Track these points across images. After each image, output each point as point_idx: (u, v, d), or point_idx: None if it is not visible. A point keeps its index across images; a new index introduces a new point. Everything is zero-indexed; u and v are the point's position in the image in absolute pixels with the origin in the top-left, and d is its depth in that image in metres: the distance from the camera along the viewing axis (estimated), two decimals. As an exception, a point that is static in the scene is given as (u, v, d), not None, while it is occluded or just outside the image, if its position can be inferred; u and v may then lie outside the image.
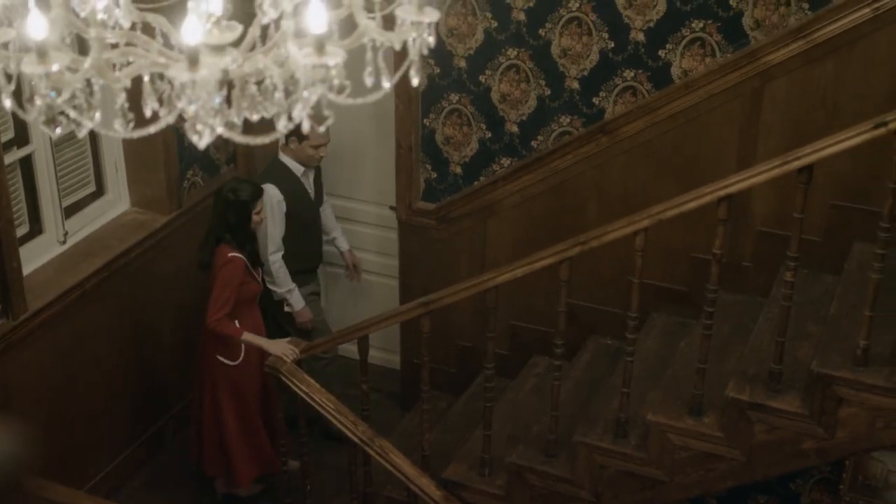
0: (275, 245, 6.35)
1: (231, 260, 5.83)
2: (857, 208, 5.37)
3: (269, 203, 6.23)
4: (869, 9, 5.18)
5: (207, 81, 2.24)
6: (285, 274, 6.42)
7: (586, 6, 5.79)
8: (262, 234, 6.25)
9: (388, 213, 6.91)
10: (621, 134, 5.89)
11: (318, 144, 6.35)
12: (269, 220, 6.25)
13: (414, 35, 2.55)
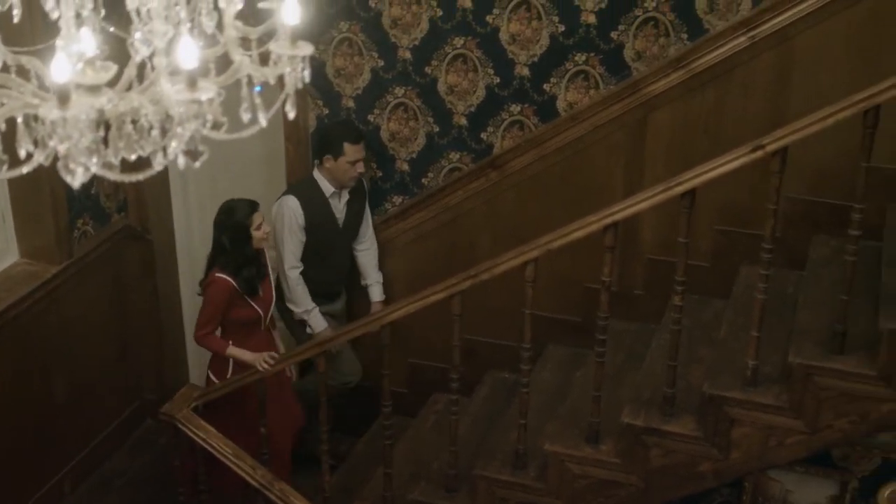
0: (291, 260, 6.09)
1: (215, 280, 5.65)
2: (743, 232, 5.47)
3: (286, 216, 6.02)
4: (745, 37, 5.31)
5: (78, 119, 2.22)
6: (304, 292, 6.13)
7: (471, 43, 5.85)
8: (279, 249, 6.07)
9: (279, 256, 6.86)
10: (510, 168, 5.95)
11: (355, 160, 5.99)
12: (286, 234, 6.04)
13: (289, 69, 2.54)
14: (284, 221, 6.02)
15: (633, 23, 5.53)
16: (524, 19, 5.71)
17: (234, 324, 5.76)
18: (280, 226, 6.04)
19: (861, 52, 5.16)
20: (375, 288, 6.42)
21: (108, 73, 2.32)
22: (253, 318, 5.79)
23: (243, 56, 2.56)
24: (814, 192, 5.44)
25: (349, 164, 5.97)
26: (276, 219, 6.07)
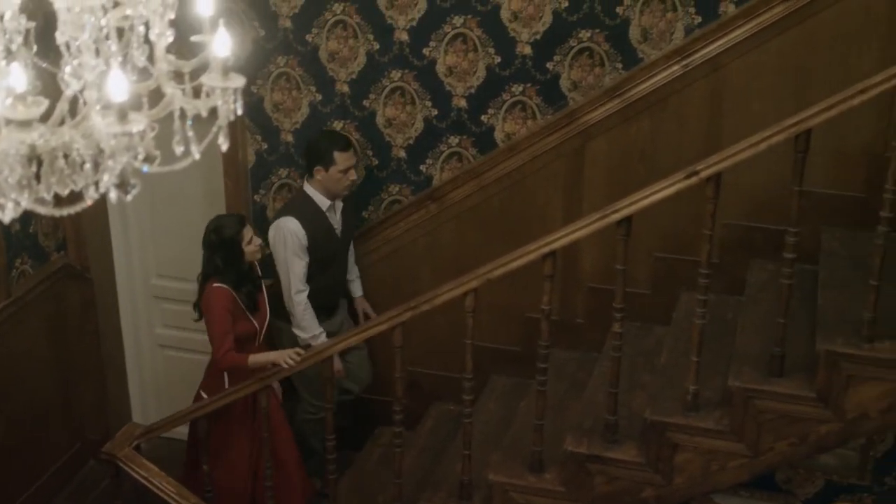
0: (297, 284, 5.84)
1: (213, 290, 5.47)
2: (682, 259, 5.51)
3: (289, 240, 5.78)
4: (678, 66, 5.38)
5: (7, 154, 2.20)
6: (312, 318, 5.88)
7: (408, 76, 5.88)
8: (283, 274, 5.85)
9: (224, 292, 6.81)
10: (450, 200, 5.97)
11: (346, 168, 5.81)
12: (291, 258, 5.81)
13: (221, 102, 2.55)
14: (287, 245, 5.80)
15: (569, 53, 5.58)
16: (460, 51, 5.74)
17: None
18: (282, 250, 5.82)
19: (791, 79, 5.24)
20: (356, 284, 6.32)
21: (39, 109, 2.31)
22: (250, 333, 5.61)
23: (175, 89, 2.56)
24: (750, 217, 5.50)
25: (341, 172, 5.81)
26: (275, 242, 5.85)
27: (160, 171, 2.56)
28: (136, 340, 7.30)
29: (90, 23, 2.38)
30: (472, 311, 4.65)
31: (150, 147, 2.50)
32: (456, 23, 5.72)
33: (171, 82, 2.57)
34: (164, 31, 2.51)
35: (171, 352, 7.28)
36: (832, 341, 4.27)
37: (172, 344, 7.19)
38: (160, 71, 2.54)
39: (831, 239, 5.23)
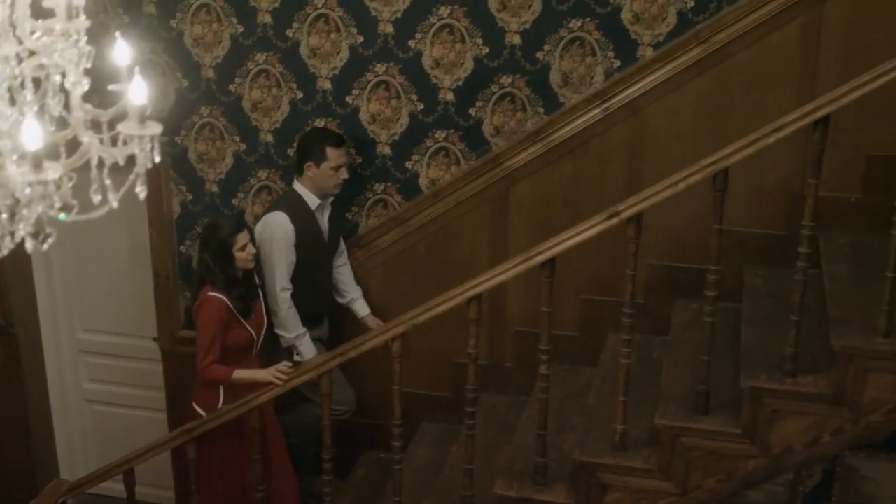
0: (282, 282, 5.66)
1: (207, 299, 5.34)
2: (608, 300, 5.54)
3: (276, 233, 5.62)
4: (599, 109, 5.45)
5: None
6: (294, 317, 5.69)
7: (332, 123, 5.89)
8: (269, 270, 5.66)
9: (151, 345, 6.76)
10: (376, 246, 5.98)
11: (338, 165, 5.66)
12: (276, 253, 5.63)
13: (138, 149, 2.54)
14: (274, 239, 5.64)
15: (491, 98, 5.63)
16: (383, 99, 5.78)
17: (226, 350, 5.39)
18: (269, 245, 5.65)
19: (709, 120, 5.32)
20: (361, 302, 6.09)
21: (-48, 159, 2.29)
22: (247, 341, 5.46)
23: (92, 138, 2.55)
24: (674, 257, 5.56)
25: (333, 169, 5.66)
26: (262, 237, 5.67)
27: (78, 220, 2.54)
28: (62, 396, 7.21)
29: (4, 72, 2.37)
30: (399, 357, 4.64)
31: (68, 196, 2.49)
32: (379, 70, 5.75)
33: (89, 131, 2.56)
34: (79, 80, 2.51)
35: (99, 406, 7.20)
36: (756, 377, 4.31)
37: (101, 399, 7.11)
38: (76, 120, 2.53)
39: (754, 276, 5.29)
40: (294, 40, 5.84)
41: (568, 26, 5.44)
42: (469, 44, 5.59)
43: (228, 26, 5.91)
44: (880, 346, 4.11)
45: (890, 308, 4.11)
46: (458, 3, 5.55)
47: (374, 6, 5.67)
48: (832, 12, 5.09)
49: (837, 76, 4.72)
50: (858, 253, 4.97)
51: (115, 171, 2.52)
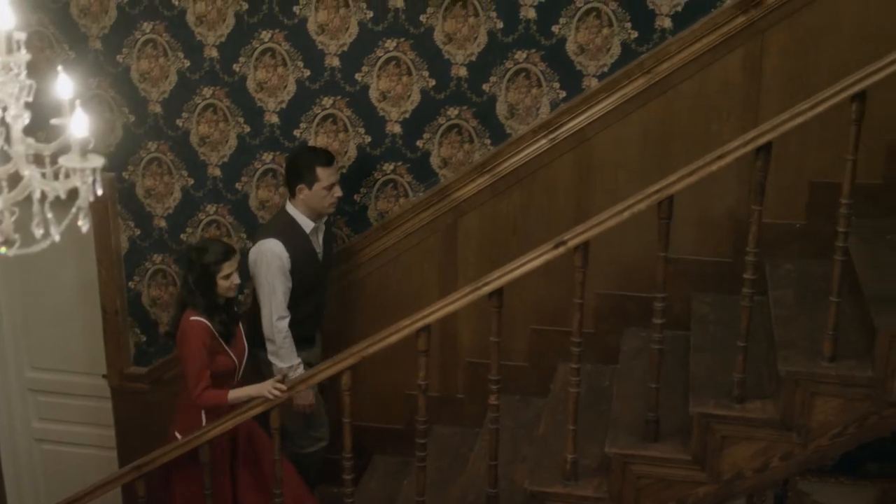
0: (279, 310, 5.48)
1: (191, 325, 5.13)
2: (557, 330, 5.55)
3: (272, 261, 5.42)
4: (546, 139, 5.48)
5: None
6: (291, 347, 5.51)
7: (280, 158, 5.90)
8: (264, 299, 5.48)
9: (100, 382, 6.69)
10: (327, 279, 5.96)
11: (330, 184, 5.48)
12: (273, 282, 5.44)
13: (80, 183, 2.53)
14: (271, 268, 5.45)
15: (438, 130, 5.65)
16: (331, 132, 5.79)
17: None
18: (264, 273, 5.46)
19: (655, 149, 5.37)
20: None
21: None
22: (229, 368, 5.26)
23: (33, 171, 2.54)
24: (622, 286, 5.58)
25: (325, 189, 5.47)
26: (257, 266, 5.49)
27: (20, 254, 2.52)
28: (11, 435, 7.13)
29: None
30: (349, 389, 4.63)
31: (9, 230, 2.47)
32: (326, 104, 5.77)
33: (31, 165, 2.55)
34: (20, 114, 2.50)
35: (48, 445, 7.13)
36: (704, 403, 4.34)
37: (50, 437, 7.04)
38: (18, 153, 2.52)
39: (701, 304, 5.34)
40: (241, 74, 5.84)
41: (513, 58, 5.48)
42: (415, 76, 5.62)
43: (175, 61, 5.90)
44: (826, 370, 4.16)
45: (835, 332, 4.16)
46: (404, 37, 5.58)
47: (320, 40, 5.68)
48: (773, 41, 5.16)
49: (780, 104, 4.76)
50: (804, 278, 5.03)
51: (57, 204, 2.51)
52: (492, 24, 5.47)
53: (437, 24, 5.53)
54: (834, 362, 4.17)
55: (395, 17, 5.57)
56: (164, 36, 5.89)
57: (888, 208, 5.18)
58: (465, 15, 5.49)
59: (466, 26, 5.50)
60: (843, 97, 3.95)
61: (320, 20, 5.66)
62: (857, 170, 4.10)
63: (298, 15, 5.69)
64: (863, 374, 4.13)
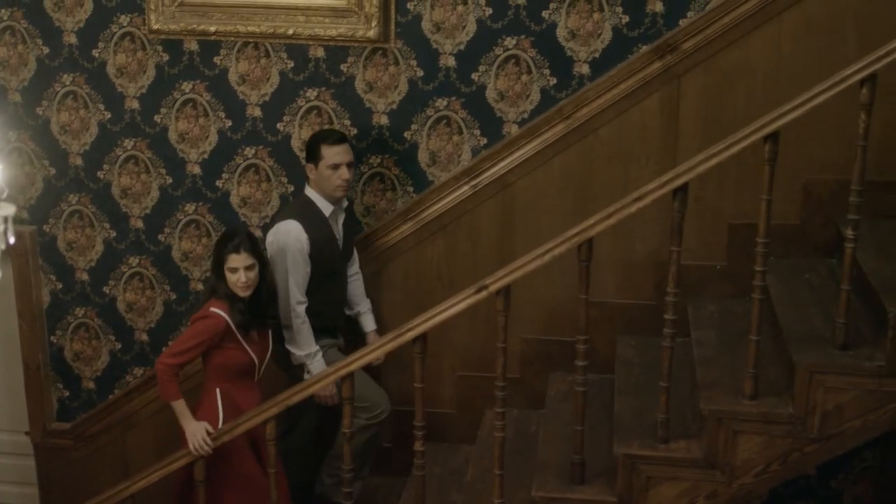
0: (297, 295, 5.28)
1: (209, 315, 4.92)
2: (483, 376, 5.54)
3: (290, 243, 5.24)
4: (468, 186, 5.52)
5: None
6: (308, 333, 5.32)
7: (203, 208, 5.88)
8: (282, 282, 5.26)
9: (23, 440, 6.58)
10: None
11: (335, 163, 5.28)
12: (291, 266, 5.26)
13: (-10, 231, 2.51)
14: (289, 251, 5.26)
15: (361, 178, 5.67)
16: (254, 182, 5.79)
17: (220, 369, 4.99)
18: (282, 255, 5.27)
19: (575, 194, 5.43)
20: (368, 317, 5.74)
21: None
22: (244, 364, 5.02)
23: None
24: (547, 331, 5.61)
25: (330, 168, 5.28)
26: (275, 248, 5.29)
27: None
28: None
29: None
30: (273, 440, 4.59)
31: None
32: (248, 153, 5.77)
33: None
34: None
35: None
36: (629, 444, 4.35)
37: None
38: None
39: (626, 347, 5.37)
40: (162, 125, 5.82)
41: (434, 105, 5.52)
42: (338, 125, 5.63)
43: (96, 113, 5.87)
44: (747, 408, 4.20)
45: (755, 371, 4.21)
46: (326, 86, 5.60)
47: (241, 90, 5.69)
48: (689, 85, 5.24)
49: (698, 147, 4.81)
50: (726, 319, 5.09)
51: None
52: (412, 72, 5.51)
53: (357, 73, 5.56)
54: (755, 400, 4.22)
55: (316, 66, 5.59)
56: (84, 88, 5.86)
57: (806, 248, 5.27)
58: (385, 63, 5.52)
59: (387, 75, 5.54)
60: (757, 138, 4.01)
61: (241, 70, 5.68)
62: (774, 210, 4.16)
63: (219, 65, 5.69)
64: (783, 411, 4.18)
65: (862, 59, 3.99)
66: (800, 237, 5.28)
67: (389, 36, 5.50)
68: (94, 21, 5.79)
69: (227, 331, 4.93)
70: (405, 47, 5.50)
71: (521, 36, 5.39)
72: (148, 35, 5.73)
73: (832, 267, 5.02)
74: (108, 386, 6.30)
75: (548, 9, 5.33)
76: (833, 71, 4.04)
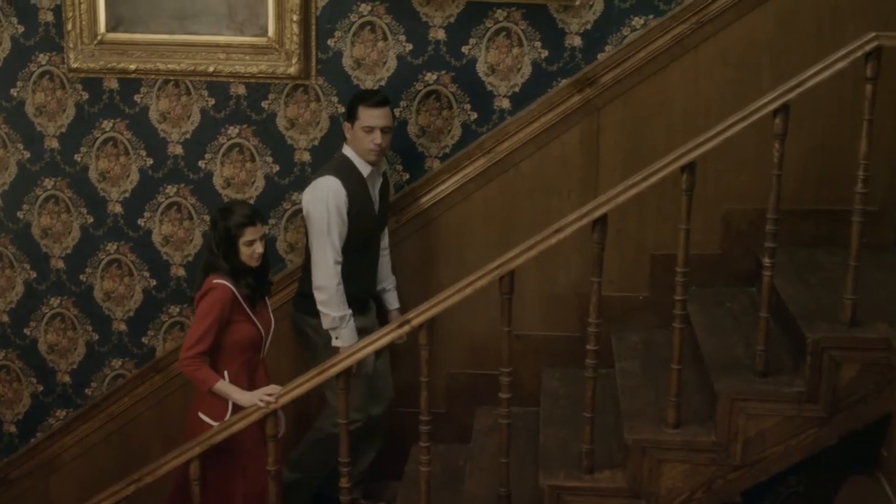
0: (333, 253, 5.04)
1: (214, 287, 4.77)
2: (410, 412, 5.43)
3: (329, 198, 5.03)
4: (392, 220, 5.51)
5: None
6: (342, 294, 5.07)
7: (124, 247, 5.84)
8: (318, 238, 5.04)
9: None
10: (174, 370, 5.84)
11: (369, 126, 5.09)
12: (329, 221, 5.03)
13: None
14: (329, 206, 5.04)
15: (283, 216, 5.69)
16: (175, 220, 5.77)
17: (231, 348, 4.82)
18: (320, 210, 5.04)
19: (498, 227, 5.47)
20: (392, 294, 5.54)
21: None
22: (254, 338, 4.89)
23: None
24: (473, 365, 5.61)
25: (364, 131, 5.10)
26: (313, 204, 5.07)
27: None
28: None
29: None
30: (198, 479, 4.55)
31: None
32: (170, 192, 5.74)
33: None
34: None
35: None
36: (555, 475, 4.37)
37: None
38: None
39: (552, 379, 5.40)
40: (83, 164, 5.77)
41: (357, 141, 5.53)
42: (259, 162, 5.62)
43: (14, 153, 5.82)
44: (671, 437, 4.23)
45: (678, 399, 4.24)
46: (247, 123, 5.59)
47: (162, 128, 5.66)
48: (608, 118, 5.30)
49: (618, 178, 4.84)
50: (650, 349, 5.14)
51: None
52: (333, 108, 5.53)
53: (279, 109, 5.56)
54: (678, 429, 4.25)
55: (238, 103, 5.58)
56: (2, 128, 5.80)
57: (728, 277, 5.33)
58: (306, 100, 5.54)
59: (308, 111, 5.55)
60: (674, 168, 4.06)
61: (162, 108, 5.65)
62: (696, 240, 4.23)
63: (140, 103, 5.66)
64: (706, 439, 4.22)
65: (775, 89, 4.07)
66: (721, 266, 5.34)
67: (310, 72, 5.51)
68: (12, 60, 5.74)
69: (234, 303, 4.80)
70: (326, 84, 5.51)
71: (441, 71, 5.43)
72: (67, 74, 5.69)
73: (753, 295, 5.07)
74: (30, 429, 6.20)
75: (468, 44, 5.38)
76: (749, 102, 4.11)
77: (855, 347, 4.12)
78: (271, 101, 5.56)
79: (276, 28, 5.46)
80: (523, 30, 5.35)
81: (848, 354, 4.12)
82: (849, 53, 4.04)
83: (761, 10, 5.15)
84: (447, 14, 5.38)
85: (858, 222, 4.13)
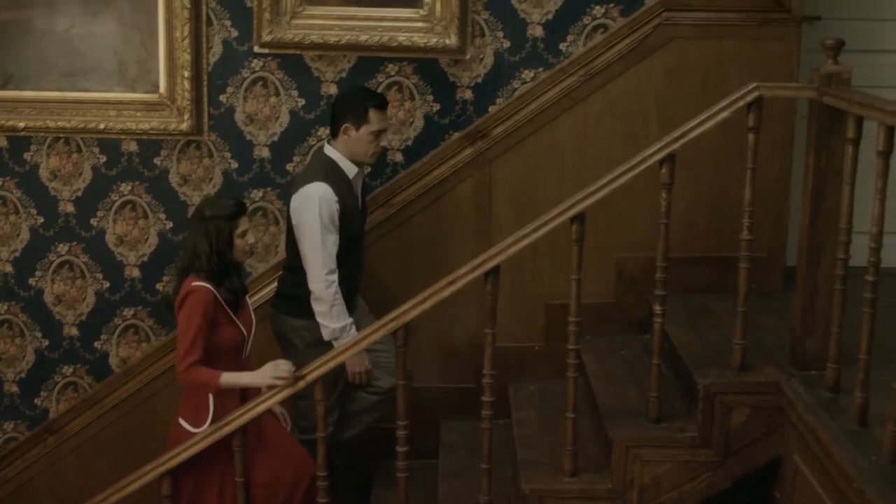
0: (329, 263, 4.83)
1: (194, 290, 4.44)
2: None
3: (322, 207, 4.78)
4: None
5: None
6: (342, 304, 4.87)
7: (15, 308, 5.76)
8: (311, 250, 4.81)
9: None
10: (69, 431, 5.78)
11: (379, 130, 4.90)
12: (322, 231, 4.79)
13: None
14: (322, 215, 4.80)
15: (178, 272, 5.62)
16: (68, 279, 5.70)
17: (214, 352, 4.49)
18: (313, 223, 4.80)
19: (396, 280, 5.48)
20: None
21: None
22: (237, 341, 4.58)
23: None
24: (373, 419, 5.59)
25: (372, 135, 4.89)
26: (304, 213, 4.82)
27: None
28: None
29: None
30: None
31: None
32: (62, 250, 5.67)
33: None
34: None
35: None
36: (455, 528, 4.38)
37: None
38: None
39: (450, 431, 5.41)
40: (-28, 224, 5.70)
41: (250, 196, 5.53)
42: (152, 219, 5.58)
43: None
44: (567, 486, 4.27)
45: (574, 448, 4.27)
46: (140, 180, 5.55)
47: (53, 186, 5.60)
48: (500, 170, 5.36)
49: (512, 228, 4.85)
50: (546, 398, 5.18)
51: None
52: (226, 164, 5.51)
53: (171, 166, 5.53)
54: (575, 477, 4.28)
55: (129, 160, 5.54)
56: None
57: (622, 325, 5.40)
58: (199, 156, 5.52)
59: (201, 167, 5.53)
60: (563, 219, 4.11)
61: (52, 166, 5.59)
62: (590, 290, 4.28)
63: (30, 161, 5.60)
64: (603, 487, 4.26)
65: (660, 140, 4.15)
66: (615, 315, 5.41)
67: (203, 128, 5.50)
68: None
69: (216, 305, 4.52)
70: (219, 139, 5.51)
71: (335, 125, 5.45)
72: (-45, 131, 5.62)
73: (646, 342, 5.13)
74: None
75: (360, 99, 5.41)
76: (637, 152, 4.18)
77: (745, 392, 4.20)
78: (164, 158, 5.54)
79: (168, 84, 5.44)
80: (415, 83, 5.41)
81: (738, 399, 4.19)
82: (731, 103, 4.14)
83: (648, 61, 5.26)
84: (339, 69, 5.41)
85: (745, 269, 4.21)
